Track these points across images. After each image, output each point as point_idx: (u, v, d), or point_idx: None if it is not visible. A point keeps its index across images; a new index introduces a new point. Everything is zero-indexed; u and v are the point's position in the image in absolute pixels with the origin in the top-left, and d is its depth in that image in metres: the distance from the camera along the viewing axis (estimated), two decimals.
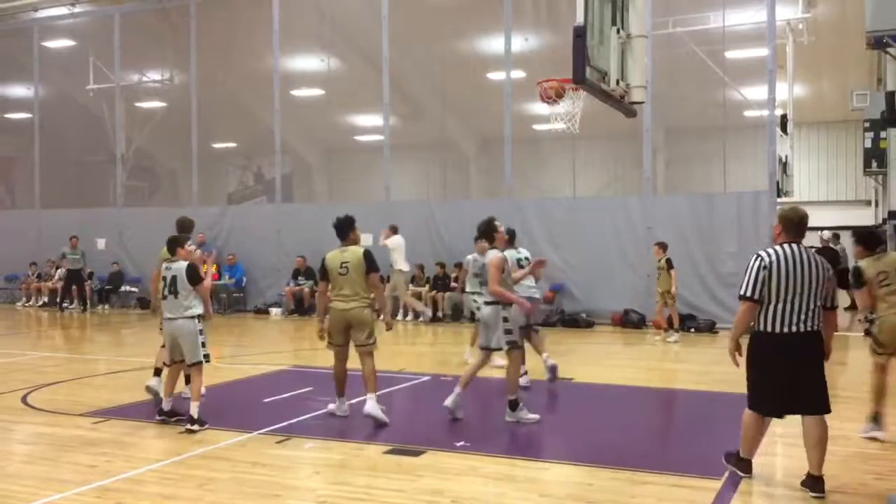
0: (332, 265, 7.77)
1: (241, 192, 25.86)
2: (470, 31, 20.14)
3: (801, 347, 5.35)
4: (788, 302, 5.31)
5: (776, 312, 5.33)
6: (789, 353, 5.34)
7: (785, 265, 5.33)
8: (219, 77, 21.87)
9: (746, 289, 5.38)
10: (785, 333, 5.32)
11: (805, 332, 5.33)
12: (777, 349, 5.36)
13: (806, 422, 5.44)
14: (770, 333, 5.36)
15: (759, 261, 5.39)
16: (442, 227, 17.84)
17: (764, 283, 5.33)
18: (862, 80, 20.90)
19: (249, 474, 5.95)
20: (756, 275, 5.36)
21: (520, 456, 6.40)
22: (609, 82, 7.68)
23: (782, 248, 5.41)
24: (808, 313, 5.32)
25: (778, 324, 5.33)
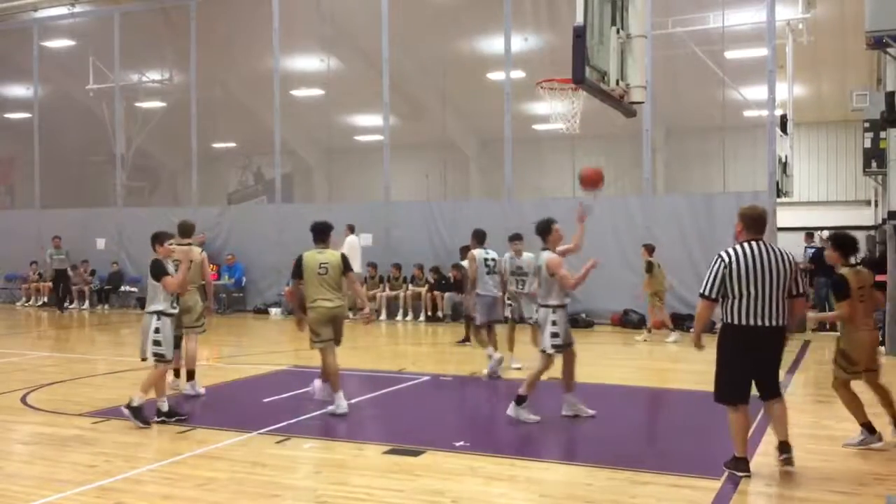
0: (311, 265, 8.02)
1: (240, 192, 25.87)
2: (470, 31, 20.15)
3: (766, 341, 5.65)
4: (752, 297, 5.56)
5: (741, 306, 5.59)
6: (753, 344, 5.63)
7: (745, 263, 5.58)
8: (219, 77, 21.89)
9: (705, 288, 5.70)
10: (750, 326, 5.59)
11: (770, 326, 5.59)
12: (743, 341, 5.64)
13: (769, 405, 5.89)
14: (737, 326, 5.62)
15: (719, 261, 5.66)
16: (442, 227, 17.85)
17: (724, 282, 5.60)
18: (862, 80, 20.89)
19: (249, 474, 5.95)
20: (715, 274, 5.64)
21: (519, 456, 6.40)
22: (609, 82, 7.67)
23: (742, 246, 5.67)
24: (773, 307, 5.58)
25: (744, 317, 5.59)
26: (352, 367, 11.00)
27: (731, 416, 5.77)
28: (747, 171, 18.23)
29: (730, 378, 5.74)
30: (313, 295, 7.94)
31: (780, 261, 5.64)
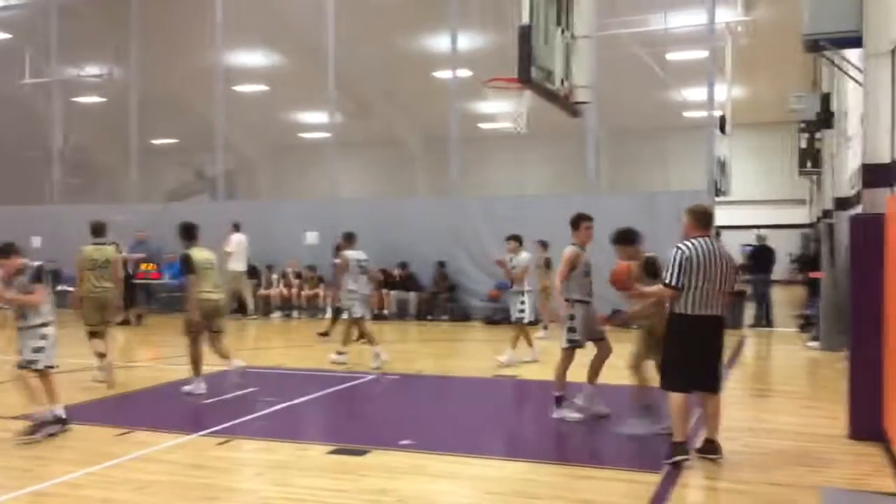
0: (200, 260, 8.75)
1: (181, 189, 25.39)
2: (416, 29, 20.13)
3: (711, 330, 6.00)
4: (701, 289, 5.86)
5: (692, 297, 5.88)
6: (701, 333, 5.96)
7: (699, 256, 5.88)
8: (160, 72, 21.46)
9: (672, 278, 5.91)
10: (699, 316, 5.90)
11: (714, 315, 5.96)
12: (692, 330, 5.95)
13: (707, 398, 6.13)
14: (687, 316, 5.92)
15: (681, 252, 5.92)
16: (388, 225, 17.77)
17: (685, 273, 5.87)
18: (798, 82, 21.45)
19: (189, 477, 5.84)
20: (680, 265, 5.88)
21: (464, 453, 6.40)
22: (554, 82, 7.74)
23: (698, 241, 5.96)
24: (718, 300, 5.94)
25: (694, 307, 5.89)
26: (297, 366, 10.90)
27: (676, 403, 5.98)
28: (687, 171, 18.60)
29: (681, 366, 6.00)
30: (203, 287, 8.70)
31: (723, 257, 5.99)
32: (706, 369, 6.06)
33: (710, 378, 6.10)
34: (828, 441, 6.74)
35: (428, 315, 16.93)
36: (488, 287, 16.64)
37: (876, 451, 6.33)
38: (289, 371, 10.62)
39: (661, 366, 6.19)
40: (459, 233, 17.10)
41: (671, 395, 6.04)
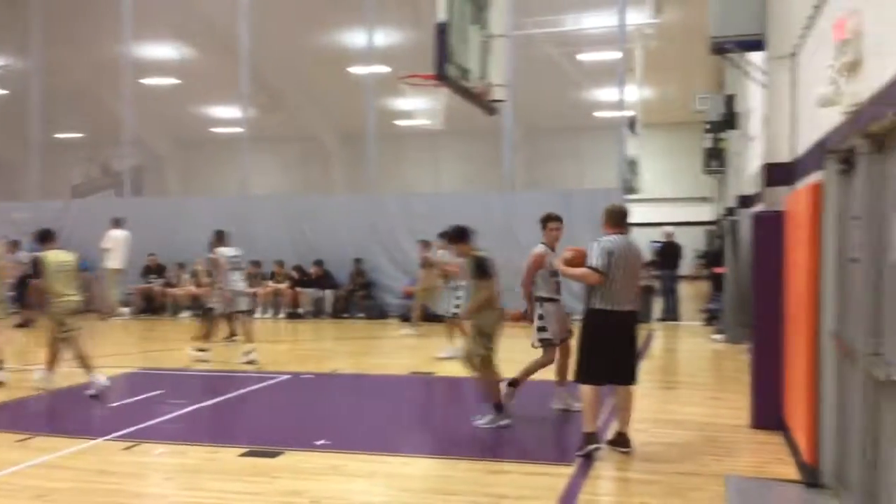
0: (54, 263, 8.82)
1: (86, 185, 24.51)
2: (332, 24, 19.92)
3: (628, 324, 6.16)
4: (620, 284, 6.04)
5: (611, 292, 6.04)
6: (619, 328, 6.11)
7: (621, 252, 6.08)
8: (64, 64, 20.63)
9: (598, 262, 6.04)
10: (617, 311, 6.06)
11: (630, 310, 6.14)
12: (610, 325, 6.08)
13: (620, 390, 6.28)
14: (605, 311, 6.06)
15: (604, 245, 6.09)
16: (304, 223, 17.55)
17: (608, 264, 6.02)
18: (705, 83, 22.15)
19: (94, 483, 5.62)
20: (604, 254, 6.04)
21: (381, 452, 6.36)
22: (470, 80, 7.77)
23: (614, 237, 6.16)
24: (633, 294, 6.16)
25: (612, 302, 6.05)
26: (207, 367, 10.64)
27: (586, 394, 6.11)
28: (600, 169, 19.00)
29: (596, 359, 6.12)
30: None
31: (638, 255, 6.28)
32: (621, 362, 6.19)
33: (625, 371, 6.23)
34: (732, 431, 6.98)
35: (344, 313, 16.80)
36: (405, 284, 16.62)
37: (777, 440, 6.59)
38: (198, 372, 10.36)
39: (577, 358, 6.27)
40: (376, 230, 17.02)
41: (582, 386, 6.17)
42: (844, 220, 5.01)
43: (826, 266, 5.31)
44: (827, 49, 5.01)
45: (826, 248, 5.33)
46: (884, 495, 3.98)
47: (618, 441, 6.26)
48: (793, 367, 6.24)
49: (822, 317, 5.35)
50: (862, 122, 4.16)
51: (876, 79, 3.90)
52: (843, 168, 4.95)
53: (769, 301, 6.84)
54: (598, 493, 5.55)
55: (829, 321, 5.23)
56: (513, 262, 15.30)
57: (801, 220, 5.78)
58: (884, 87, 3.71)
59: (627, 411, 6.31)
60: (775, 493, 5.43)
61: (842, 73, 4.52)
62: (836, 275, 5.17)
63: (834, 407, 5.20)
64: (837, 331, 5.07)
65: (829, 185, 5.23)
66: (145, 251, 17.94)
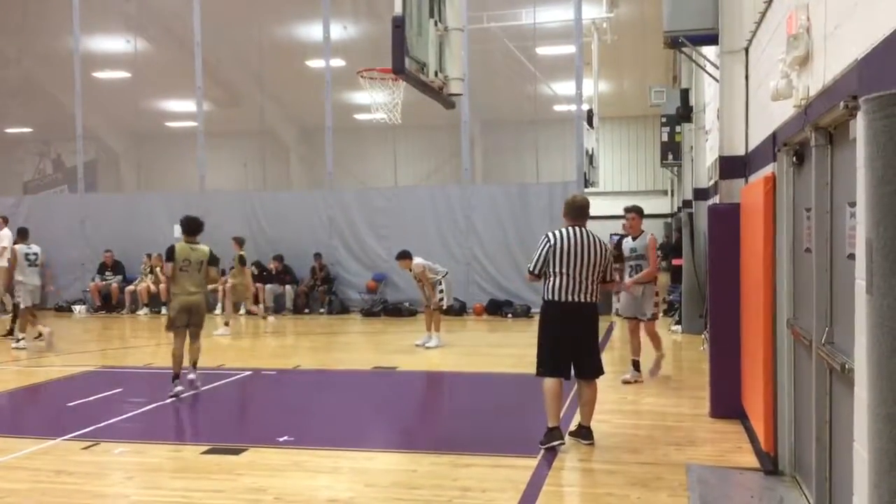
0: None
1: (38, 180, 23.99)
2: (288, 17, 19.70)
3: (579, 315, 6.13)
4: (568, 276, 6.05)
5: (559, 284, 6.06)
6: (568, 319, 6.12)
7: (567, 244, 6.08)
8: (12, 56, 20.14)
9: (532, 264, 6.19)
10: (566, 302, 6.06)
11: (583, 302, 6.10)
12: (559, 316, 6.12)
13: (581, 384, 6.29)
14: (554, 302, 6.10)
15: (545, 240, 6.15)
16: (262, 218, 17.40)
17: (547, 260, 6.09)
18: (660, 77, 22.41)
19: (53, 483, 5.54)
20: (542, 253, 6.12)
21: (345, 447, 6.36)
22: (428, 73, 7.76)
23: (564, 230, 6.20)
24: (586, 286, 6.10)
25: (561, 293, 6.06)
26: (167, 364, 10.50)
27: (546, 387, 6.13)
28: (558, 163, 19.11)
29: (550, 351, 6.15)
30: None
31: (595, 246, 6.16)
32: (577, 356, 6.17)
33: (583, 365, 6.22)
34: (692, 420, 7.11)
35: (305, 308, 16.71)
36: (366, 279, 16.58)
37: (736, 429, 6.73)
38: (158, 370, 10.23)
39: (537, 353, 6.32)
40: (335, 224, 16.95)
41: (544, 380, 6.17)
42: (797, 211, 5.12)
43: (780, 257, 5.43)
44: (778, 43, 5.12)
45: (780, 239, 5.44)
46: (837, 481, 4.09)
47: (579, 433, 6.32)
48: (750, 357, 6.37)
49: (778, 307, 5.48)
50: (812, 116, 4.25)
51: (825, 73, 4.00)
52: (796, 161, 5.06)
53: (726, 292, 6.96)
54: (561, 483, 5.62)
55: (785, 311, 5.35)
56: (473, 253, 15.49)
57: (756, 212, 5.90)
58: (833, 81, 3.80)
59: (590, 406, 6.32)
60: (735, 481, 5.55)
61: (793, 67, 4.62)
62: (790, 265, 5.29)
63: (790, 395, 5.33)
64: (792, 320, 5.19)
65: (782, 177, 5.34)
66: (101, 248, 17.65)
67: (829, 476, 4.22)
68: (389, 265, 16.25)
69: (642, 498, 5.13)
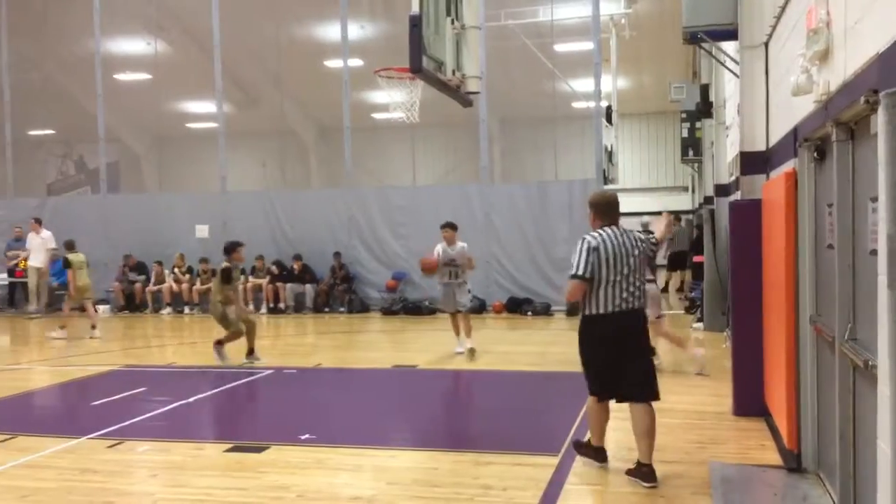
0: None
1: (61, 182, 24.23)
2: (305, 17, 19.78)
3: (633, 326, 5.40)
4: (615, 283, 5.30)
5: (610, 294, 5.30)
6: (621, 332, 5.36)
7: (612, 247, 5.33)
8: (35, 59, 20.35)
9: (578, 269, 5.30)
10: (614, 313, 5.31)
11: (631, 309, 5.36)
12: (610, 331, 5.34)
13: (634, 410, 5.42)
14: (603, 316, 5.32)
15: (587, 243, 5.34)
16: (282, 218, 17.50)
17: (594, 265, 5.29)
18: (679, 73, 22.28)
19: (79, 482, 5.61)
20: (586, 256, 5.29)
21: (366, 445, 6.39)
22: (445, 72, 7.78)
23: (607, 231, 5.41)
24: (633, 291, 5.36)
25: (611, 304, 5.30)
26: (190, 363, 10.61)
27: (589, 404, 5.67)
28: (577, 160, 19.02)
29: (595, 371, 5.47)
30: None
31: (636, 245, 5.47)
32: (627, 374, 5.38)
33: (634, 384, 5.40)
34: (715, 418, 7.07)
35: (325, 307, 16.78)
36: (386, 277, 16.62)
37: (759, 426, 6.69)
38: (181, 369, 10.32)
39: (583, 370, 5.58)
40: (355, 223, 17.01)
41: (588, 400, 5.66)
42: (819, 207, 5.09)
43: (802, 253, 5.39)
44: (798, 38, 5.08)
45: (802, 235, 5.41)
46: (862, 478, 4.06)
47: (639, 473, 5.39)
48: (773, 354, 6.33)
49: (800, 304, 5.44)
50: (833, 111, 4.22)
51: (846, 67, 3.97)
52: (817, 156, 5.03)
53: (748, 289, 6.92)
54: (583, 482, 5.60)
55: (807, 308, 5.32)
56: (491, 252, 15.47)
57: (777, 208, 5.86)
58: (853, 76, 3.78)
59: (650, 437, 5.40)
60: (759, 479, 5.52)
61: (813, 62, 4.58)
62: (813, 262, 5.25)
63: (813, 392, 5.29)
64: (815, 317, 5.15)
65: (804, 173, 5.30)
66: (123, 248, 17.82)
67: (854, 473, 4.19)
68: (409, 264, 16.30)
69: (665, 496, 5.12)
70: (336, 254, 16.81)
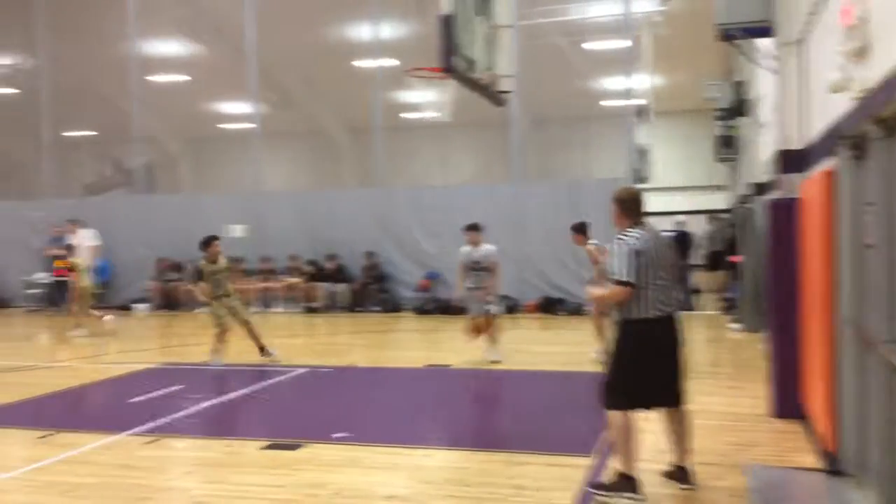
0: None
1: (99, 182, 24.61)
2: (337, 18, 19.91)
3: (674, 328, 5.13)
4: (656, 286, 5.01)
5: (649, 297, 4.98)
6: (666, 336, 5.09)
7: (652, 248, 5.04)
8: (73, 61, 20.70)
9: (624, 274, 4.94)
10: (656, 318, 5.01)
11: (671, 315, 5.10)
12: (656, 335, 5.05)
13: (674, 414, 5.25)
14: (647, 320, 4.99)
15: (628, 246, 5.00)
16: (316, 217, 17.62)
17: (638, 269, 4.95)
18: (714, 70, 22.01)
19: (118, 478, 5.70)
20: (630, 259, 4.95)
21: (400, 444, 6.42)
22: (476, 71, 7.78)
23: (643, 231, 5.11)
24: (671, 295, 5.12)
25: (653, 308, 5.00)
26: (225, 361, 10.72)
27: (624, 424, 5.02)
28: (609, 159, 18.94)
29: (634, 381, 5.03)
30: None
31: (667, 243, 5.27)
32: (671, 379, 5.15)
33: (674, 389, 5.18)
34: (751, 420, 7.00)
35: (358, 307, 16.87)
36: (418, 277, 16.67)
37: (797, 428, 6.60)
38: (217, 366, 10.44)
39: (607, 382, 5.12)
40: (387, 223, 17.08)
41: (612, 414, 5.07)
42: (858, 206, 5.01)
43: (841, 253, 5.31)
44: (835, 34, 5.01)
45: (841, 234, 5.33)
46: None
47: (677, 475, 5.29)
48: (811, 355, 6.25)
49: (839, 304, 5.36)
50: (872, 108, 4.16)
51: (884, 64, 3.91)
52: (856, 154, 4.95)
53: (785, 289, 6.84)
54: None
55: (846, 308, 5.24)
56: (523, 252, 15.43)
57: (815, 206, 5.78)
58: (892, 73, 3.71)
59: (687, 438, 5.27)
60: (797, 482, 5.45)
61: (850, 58, 4.52)
62: (852, 261, 5.17)
63: (853, 394, 5.20)
64: (855, 318, 5.08)
65: (842, 171, 5.22)
66: (159, 248, 18.06)
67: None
68: (441, 263, 16.32)
69: (702, 499, 5.08)
70: (369, 253, 16.89)
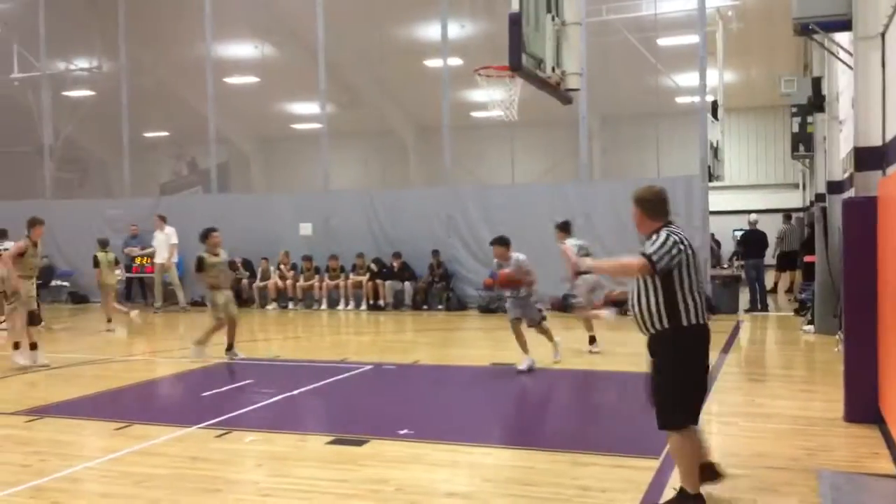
0: None
1: (175, 182, 25.35)
2: (406, 18, 20.07)
3: (708, 341, 4.79)
4: (697, 291, 4.68)
5: (695, 302, 4.65)
6: (706, 346, 4.76)
7: (691, 250, 4.69)
8: (150, 64, 21.36)
9: (656, 253, 4.60)
10: (703, 325, 4.70)
11: (707, 322, 4.77)
12: (703, 342, 4.73)
13: (697, 432, 4.86)
14: (696, 326, 4.65)
15: (672, 238, 4.64)
16: (382, 216, 17.77)
17: (678, 264, 4.61)
18: (789, 66, 21.45)
19: (189, 469, 5.85)
20: (672, 249, 4.59)
21: (462, 441, 6.42)
22: (545, 69, 7.73)
23: (683, 232, 4.75)
24: (703, 300, 4.76)
25: (699, 314, 4.66)
26: (294, 357, 10.91)
27: (680, 443, 4.69)
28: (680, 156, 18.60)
29: (689, 393, 4.70)
30: None
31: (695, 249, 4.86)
32: (705, 388, 4.91)
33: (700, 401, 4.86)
34: (825, 424, 6.79)
35: (424, 305, 16.95)
36: (483, 276, 16.64)
37: (872, 433, 6.37)
38: (285, 362, 10.63)
39: (661, 399, 4.71)
40: (453, 222, 17.11)
41: (674, 436, 4.71)
42: None
43: None
44: None
45: None
46: None
47: (708, 475, 4.99)
48: (888, 358, 6.03)
49: None
50: None
51: None
52: None
53: (861, 290, 6.61)
54: None
55: None
56: None
57: (894, 205, 5.58)
58: None
59: (702, 435, 5.05)
60: (871, 488, 5.27)
61: None
62: None
63: None
64: None
65: None
66: (231, 246, 18.44)
67: None
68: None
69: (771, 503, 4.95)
70: (435, 252, 16.95)
